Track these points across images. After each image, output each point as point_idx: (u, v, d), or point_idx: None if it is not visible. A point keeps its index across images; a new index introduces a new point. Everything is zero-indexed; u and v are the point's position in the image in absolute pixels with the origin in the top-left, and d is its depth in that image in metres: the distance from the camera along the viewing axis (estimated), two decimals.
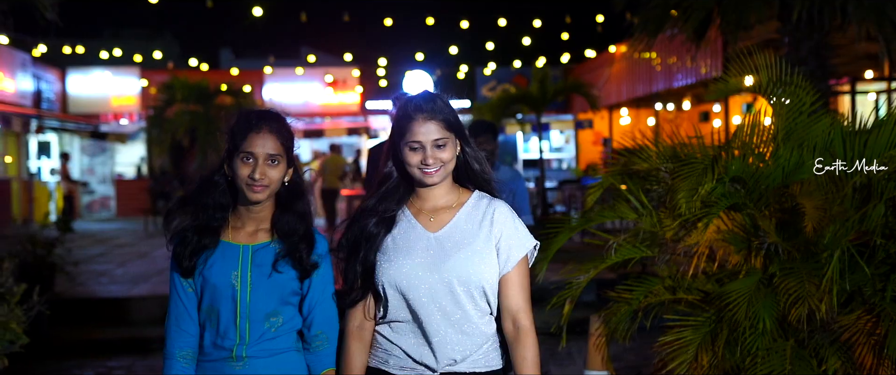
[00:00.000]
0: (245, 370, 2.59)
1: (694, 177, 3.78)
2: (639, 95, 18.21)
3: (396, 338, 2.59)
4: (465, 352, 2.56)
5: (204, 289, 2.62)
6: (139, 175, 23.99)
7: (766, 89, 4.06)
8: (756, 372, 3.62)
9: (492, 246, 2.58)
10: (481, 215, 2.62)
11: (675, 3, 8.49)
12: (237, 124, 2.64)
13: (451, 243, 2.57)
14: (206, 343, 2.64)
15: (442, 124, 2.57)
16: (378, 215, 2.61)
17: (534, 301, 2.67)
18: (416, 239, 2.58)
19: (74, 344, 7.67)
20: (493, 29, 18.23)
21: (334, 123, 23.04)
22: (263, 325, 2.61)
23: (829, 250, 3.64)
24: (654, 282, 4.01)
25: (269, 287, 2.62)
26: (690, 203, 3.73)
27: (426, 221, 2.62)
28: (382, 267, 2.57)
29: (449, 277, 2.53)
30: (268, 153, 2.59)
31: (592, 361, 4.29)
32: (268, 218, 2.67)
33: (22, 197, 19.24)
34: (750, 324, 3.61)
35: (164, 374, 2.62)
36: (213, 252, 2.62)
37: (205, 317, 2.63)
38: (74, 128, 22.23)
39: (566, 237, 4.15)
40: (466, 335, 2.55)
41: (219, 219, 2.64)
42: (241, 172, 2.58)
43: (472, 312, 2.56)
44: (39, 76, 20.96)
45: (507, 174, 5.67)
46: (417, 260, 2.55)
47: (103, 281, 10.38)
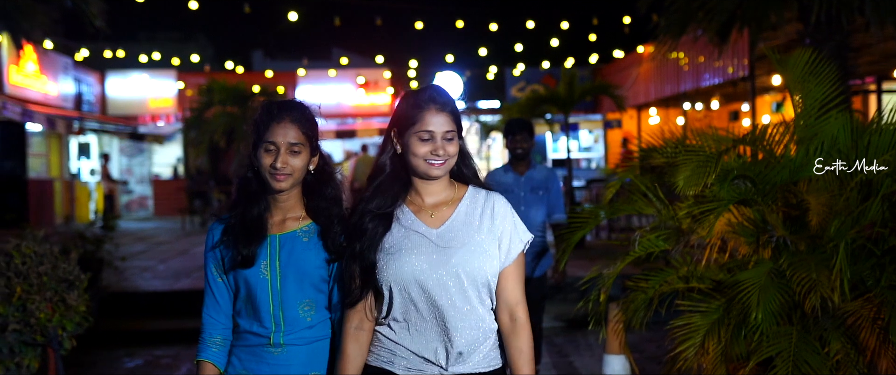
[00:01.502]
0: (282, 356, 2.64)
1: (695, 164, 3.97)
2: (667, 95, 18.31)
3: (401, 338, 2.54)
4: (473, 345, 2.53)
5: (237, 280, 2.68)
6: (175, 175, 24.55)
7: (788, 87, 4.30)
8: (764, 354, 3.87)
9: (494, 239, 2.57)
10: (481, 209, 2.60)
11: (699, 5, 8.65)
12: (260, 115, 2.68)
13: (455, 238, 2.54)
14: (243, 329, 2.69)
15: (451, 118, 2.55)
16: (374, 213, 2.55)
17: (557, 293, 2.80)
18: (418, 237, 2.54)
19: (123, 334, 8.09)
20: (521, 31, 18.48)
21: (366, 124, 23.41)
22: (298, 312, 2.65)
23: (834, 242, 3.87)
24: (669, 272, 4.24)
25: (299, 274, 2.65)
26: (688, 186, 3.91)
27: (427, 218, 2.58)
28: (386, 266, 2.52)
29: (457, 271, 2.50)
30: (289, 142, 2.62)
31: (611, 346, 4.57)
32: (294, 207, 2.71)
33: (64, 197, 19.81)
34: (763, 310, 3.83)
35: (198, 358, 2.72)
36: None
37: (241, 306, 2.69)
38: (114, 130, 22.81)
39: (587, 230, 4.41)
40: (475, 328, 2.53)
41: (262, 209, 2.68)
42: (265, 162, 2.62)
43: (478, 306, 2.54)
44: (80, 79, 21.58)
45: (542, 172, 5.82)
46: (423, 256, 2.51)
47: (146, 276, 10.81)
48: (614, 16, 17.74)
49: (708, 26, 8.67)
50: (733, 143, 4.19)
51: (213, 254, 2.72)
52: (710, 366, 4.03)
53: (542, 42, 19.45)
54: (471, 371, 2.54)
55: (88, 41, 19.01)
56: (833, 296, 3.72)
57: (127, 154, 24.54)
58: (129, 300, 9.12)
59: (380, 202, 2.57)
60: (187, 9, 14.91)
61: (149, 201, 24.20)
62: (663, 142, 4.43)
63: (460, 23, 17.77)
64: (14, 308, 4.12)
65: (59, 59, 19.73)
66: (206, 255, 2.74)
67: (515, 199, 5.59)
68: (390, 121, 2.64)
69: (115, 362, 7.30)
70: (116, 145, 24.36)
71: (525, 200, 5.67)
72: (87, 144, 23.38)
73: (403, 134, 2.55)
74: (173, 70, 23.67)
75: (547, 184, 5.78)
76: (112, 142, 24.17)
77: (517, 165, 5.76)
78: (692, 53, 15.63)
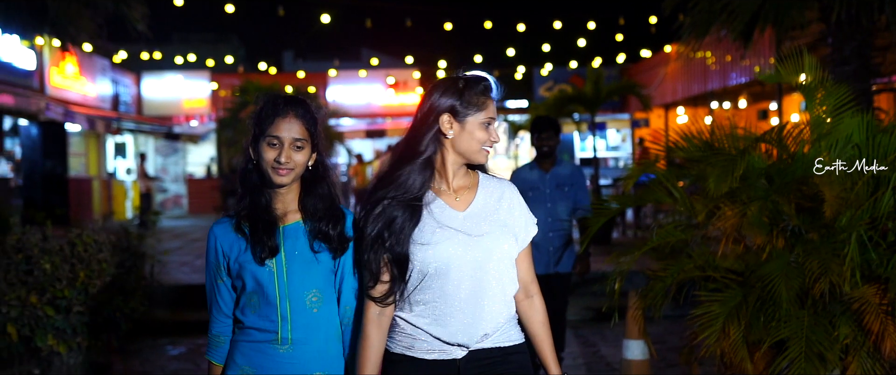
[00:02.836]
0: (289, 354, 2.62)
1: (723, 164, 4.23)
2: (694, 94, 18.42)
3: (424, 322, 2.57)
4: (497, 324, 2.60)
5: (242, 274, 2.64)
6: (209, 174, 25.04)
7: (806, 91, 4.52)
8: (778, 336, 4.09)
9: (512, 222, 2.65)
10: (498, 193, 2.68)
11: (722, 6, 8.77)
12: (264, 109, 2.66)
13: (481, 219, 2.60)
14: (248, 325, 2.66)
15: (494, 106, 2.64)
16: (402, 201, 2.56)
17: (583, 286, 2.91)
18: (448, 219, 2.58)
19: (166, 324, 8.43)
20: (548, 31, 18.69)
21: (395, 124, 23.75)
22: (305, 304, 2.64)
23: (847, 232, 4.09)
24: (686, 262, 4.48)
25: (305, 265, 2.65)
26: (719, 186, 4.17)
27: (452, 201, 2.62)
28: (419, 251, 2.55)
29: (487, 252, 2.56)
30: (294, 137, 2.62)
31: (630, 331, 4.81)
32: (295, 200, 2.70)
33: (101, 195, 20.31)
34: (785, 297, 4.03)
35: (208, 357, 2.75)
36: (245, 237, 2.65)
37: (246, 301, 2.65)
38: (149, 130, 23.35)
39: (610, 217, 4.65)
40: (503, 308, 2.62)
41: (268, 199, 2.68)
42: (268, 156, 2.61)
43: (508, 286, 2.63)
44: (117, 81, 22.13)
45: (567, 169, 5.95)
46: (453, 239, 2.55)
47: (185, 270, 11.19)
48: (641, 16, 17.88)
49: (731, 26, 8.77)
50: (754, 141, 4.42)
51: (216, 254, 2.69)
52: (731, 350, 4.25)
53: (570, 42, 19.63)
54: (491, 345, 2.60)
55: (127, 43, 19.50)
56: (843, 283, 3.93)
57: (162, 153, 25.04)
58: (172, 292, 9.48)
59: (407, 188, 2.57)
60: (223, 11, 15.30)
61: (183, 199, 24.68)
62: (684, 140, 4.67)
63: (488, 24, 18.02)
64: (78, 291, 4.45)
65: (98, 61, 20.26)
66: (208, 257, 2.71)
67: (541, 196, 5.72)
68: (440, 106, 2.59)
69: (159, 349, 7.65)
70: (152, 145, 24.89)
71: (551, 197, 5.79)
72: (123, 144, 23.91)
73: (463, 118, 2.57)
74: (207, 71, 24.14)
75: (572, 180, 5.88)
76: (147, 141, 24.70)
77: (543, 162, 5.87)
78: (719, 52, 15.71)
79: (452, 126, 2.58)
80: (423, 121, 2.60)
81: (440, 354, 2.57)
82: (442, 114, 2.58)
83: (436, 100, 2.60)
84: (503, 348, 2.61)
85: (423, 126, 2.60)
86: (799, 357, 3.97)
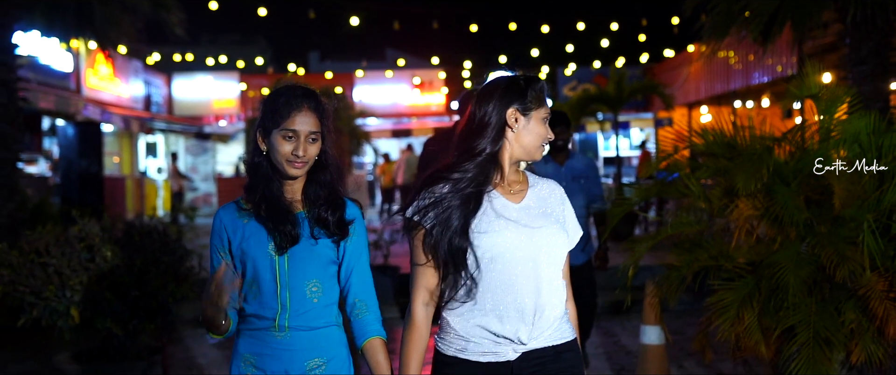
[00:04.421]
0: (285, 340, 2.62)
1: (751, 164, 4.43)
2: (717, 93, 18.53)
3: (479, 319, 2.56)
4: (553, 317, 2.60)
5: (244, 262, 2.63)
6: (237, 173, 25.46)
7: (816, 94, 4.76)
8: (788, 322, 4.33)
9: (564, 219, 2.71)
10: (547, 191, 2.75)
11: (741, 7, 8.92)
12: (280, 101, 2.63)
13: (535, 213, 2.64)
14: (249, 313, 2.65)
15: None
16: (465, 192, 2.57)
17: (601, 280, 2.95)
18: (505, 210, 2.60)
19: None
20: (572, 32, 18.91)
21: (421, 123, 24.05)
22: (304, 293, 2.63)
23: (856, 222, 4.33)
24: (700, 252, 4.73)
25: (306, 254, 2.64)
26: (747, 184, 4.40)
27: (508, 194, 2.65)
28: (477, 238, 2.55)
29: (543, 244, 2.58)
30: (310, 131, 2.62)
31: (647, 317, 5.07)
32: (300, 190, 2.71)
33: (134, 194, 20.77)
34: (795, 285, 4.24)
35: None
36: (248, 225, 2.64)
37: (247, 288, 2.64)
38: (180, 130, 23.78)
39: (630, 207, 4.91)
40: (559, 302, 2.63)
41: (279, 187, 2.67)
42: (284, 149, 2.60)
43: (561, 280, 2.65)
44: (149, 82, 22.63)
45: (581, 161, 6.14)
46: (512, 228, 2.57)
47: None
48: (663, 16, 18.06)
49: (750, 27, 8.91)
50: (773, 141, 4.67)
51: (220, 236, 2.67)
52: (746, 334, 4.49)
53: (593, 42, 19.84)
54: (544, 344, 2.59)
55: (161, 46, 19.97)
56: (862, 270, 4.12)
57: (192, 153, 25.45)
58: (204, 284, 9.83)
59: (470, 181, 2.58)
60: (254, 14, 15.70)
61: (213, 198, 25.06)
62: (701, 139, 4.94)
63: (513, 25, 18.29)
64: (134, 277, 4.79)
65: (130, 63, 20.76)
66: (212, 239, 2.69)
67: None
68: (507, 102, 2.62)
69: (199, 338, 8.00)
70: (182, 144, 25.32)
71: (568, 190, 5.92)
72: (155, 144, 24.36)
73: (526, 113, 2.62)
74: (236, 72, 24.59)
75: (587, 172, 6.05)
76: (178, 141, 25.14)
77: (557, 156, 6.02)
78: (741, 52, 15.82)
79: (518, 120, 2.62)
80: (486, 118, 2.61)
81: (494, 356, 2.55)
82: (508, 108, 2.61)
83: (500, 96, 2.62)
84: (555, 346, 2.61)
85: (485, 122, 2.61)
86: (807, 342, 4.21)
